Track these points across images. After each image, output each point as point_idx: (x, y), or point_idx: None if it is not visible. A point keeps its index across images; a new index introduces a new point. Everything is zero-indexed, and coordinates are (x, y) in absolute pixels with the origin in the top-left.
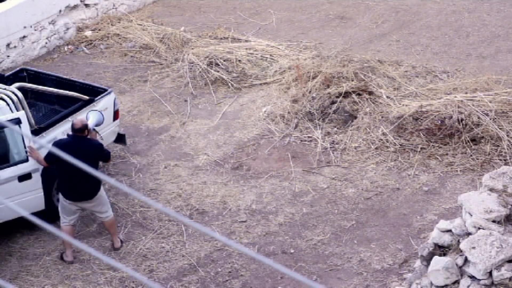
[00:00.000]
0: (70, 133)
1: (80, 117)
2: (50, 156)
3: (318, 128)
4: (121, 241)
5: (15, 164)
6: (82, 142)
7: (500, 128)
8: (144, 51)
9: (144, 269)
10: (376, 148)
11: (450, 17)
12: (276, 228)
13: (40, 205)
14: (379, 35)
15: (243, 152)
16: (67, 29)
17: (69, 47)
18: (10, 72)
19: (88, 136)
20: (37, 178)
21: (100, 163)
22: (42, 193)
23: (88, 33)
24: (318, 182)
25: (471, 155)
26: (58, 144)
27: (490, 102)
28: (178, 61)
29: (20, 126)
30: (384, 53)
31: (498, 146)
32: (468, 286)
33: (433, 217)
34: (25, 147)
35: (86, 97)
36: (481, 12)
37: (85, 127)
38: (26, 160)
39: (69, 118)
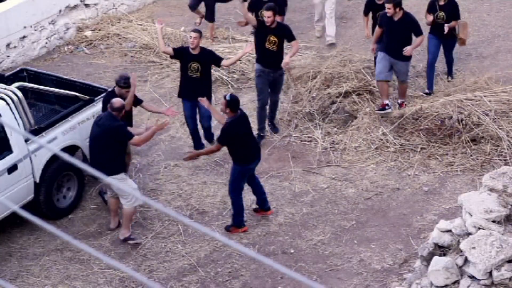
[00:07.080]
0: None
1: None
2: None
3: (318, 128)
4: (126, 239)
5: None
6: (108, 121)
7: (500, 128)
8: (144, 51)
9: (144, 269)
10: (376, 148)
11: None
12: (276, 228)
13: (30, 192)
14: None
15: None
16: (67, 29)
17: (69, 47)
18: (10, 72)
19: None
20: (22, 167)
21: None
22: (30, 181)
23: (88, 33)
24: (318, 182)
25: (471, 155)
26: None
27: (490, 102)
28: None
29: None
30: None
31: (498, 146)
32: (468, 286)
33: (433, 217)
34: (8, 140)
35: (86, 97)
36: (481, 12)
37: (122, 107)
38: (11, 152)
39: (69, 118)
